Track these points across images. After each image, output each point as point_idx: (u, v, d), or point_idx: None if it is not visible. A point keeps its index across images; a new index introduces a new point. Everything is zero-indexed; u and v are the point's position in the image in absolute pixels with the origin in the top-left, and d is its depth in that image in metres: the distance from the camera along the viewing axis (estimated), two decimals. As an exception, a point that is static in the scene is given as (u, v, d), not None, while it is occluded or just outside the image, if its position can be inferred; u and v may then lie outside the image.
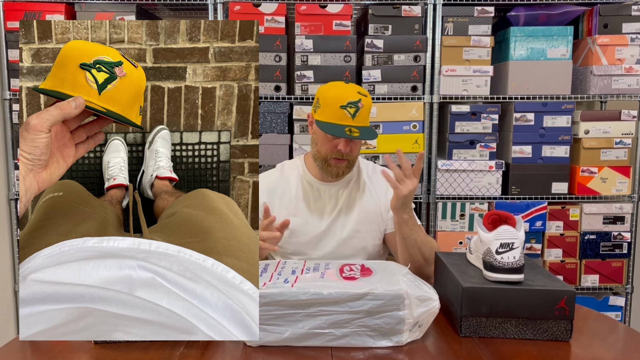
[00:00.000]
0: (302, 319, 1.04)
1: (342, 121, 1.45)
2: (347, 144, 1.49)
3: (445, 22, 2.37)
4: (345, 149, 1.49)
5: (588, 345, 1.10)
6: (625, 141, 2.38)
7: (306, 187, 1.62)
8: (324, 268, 1.17)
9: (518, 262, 1.10)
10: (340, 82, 1.54)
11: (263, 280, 1.09)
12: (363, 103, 1.46)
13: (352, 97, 1.45)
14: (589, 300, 2.47)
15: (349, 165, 1.54)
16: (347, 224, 1.59)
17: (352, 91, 1.47)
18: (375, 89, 2.40)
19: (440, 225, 2.42)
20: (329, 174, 1.55)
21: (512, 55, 2.38)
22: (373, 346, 1.05)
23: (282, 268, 1.18)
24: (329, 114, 1.46)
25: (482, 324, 1.12)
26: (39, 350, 1.09)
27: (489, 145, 2.40)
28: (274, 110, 2.40)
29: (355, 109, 1.45)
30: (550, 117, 2.38)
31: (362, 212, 1.60)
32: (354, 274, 1.12)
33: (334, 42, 2.37)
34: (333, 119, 1.46)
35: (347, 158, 1.52)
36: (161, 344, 1.08)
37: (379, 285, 1.05)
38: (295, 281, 1.08)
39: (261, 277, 1.11)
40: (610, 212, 2.42)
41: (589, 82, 2.40)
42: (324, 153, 1.52)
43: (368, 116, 1.51)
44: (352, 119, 1.45)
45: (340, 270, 1.15)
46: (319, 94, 1.52)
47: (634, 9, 2.37)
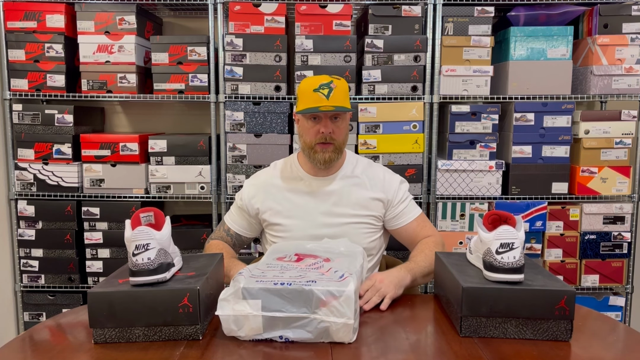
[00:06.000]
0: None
1: (317, 103, 1.51)
2: (328, 125, 1.53)
3: (445, 22, 2.37)
4: (326, 130, 1.53)
5: (588, 345, 1.10)
6: (625, 141, 2.38)
7: (299, 183, 1.64)
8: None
9: (518, 262, 1.10)
10: (315, 75, 1.59)
11: None
12: (335, 84, 1.53)
13: (324, 80, 1.53)
14: (589, 300, 2.47)
15: (335, 150, 1.57)
16: (340, 217, 1.59)
17: (324, 77, 1.56)
18: (375, 89, 2.40)
19: (440, 225, 2.42)
20: (317, 161, 1.57)
21: (512, 55, 2.38)
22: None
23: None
24: (305, 101, 1.53)
25: (482, 324, 1.12)
26: (39, 350, 1.09)
27: (489, 145, 2.40)
28: (274, 110, 2.40)
29: (328, 90, 1.51)
30: (550, 117, 2.38)
31: (356, 206, 1.60)
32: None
33: (334, 42, 2.37)
34: (309, 104, 1.52)
35: (331, 142, 1.55)
36: (161, 344, 1.08)
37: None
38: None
39: None
40: (610, 212, 2.42)
41: (589, 82, 2.40)
42: (308, 141, 1.56)
43: (345, 98, 1.56)
44: (326, 99, 1.50)
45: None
46: (297, 91, 1.60)
47: (634, 9, 2.37)
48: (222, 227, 1.72)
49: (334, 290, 1.06)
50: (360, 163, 1.68)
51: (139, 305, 1.08)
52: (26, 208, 2.46)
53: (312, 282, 1.08)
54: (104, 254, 2.49)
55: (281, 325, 1.08)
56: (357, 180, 1.63)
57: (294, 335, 1.08)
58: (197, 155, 2.44)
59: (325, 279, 1.10)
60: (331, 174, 1.63)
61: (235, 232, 1.69)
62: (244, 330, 1.09)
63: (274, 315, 1.06)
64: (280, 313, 1.06)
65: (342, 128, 1.57)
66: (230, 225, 1.69)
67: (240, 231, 1.69)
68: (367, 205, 1.61)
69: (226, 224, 1.71)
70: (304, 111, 1.52)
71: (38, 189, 2.46)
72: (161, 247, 1.12)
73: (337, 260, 1.25)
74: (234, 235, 1.69)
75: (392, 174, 1.68)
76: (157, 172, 2.44)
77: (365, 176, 1.64)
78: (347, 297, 1.05)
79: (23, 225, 2.49)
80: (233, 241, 1.69)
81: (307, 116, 1.55)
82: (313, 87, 1.52)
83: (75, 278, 2.50)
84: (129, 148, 2.42)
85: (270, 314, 1.07)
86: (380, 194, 1.62)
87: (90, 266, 2.49)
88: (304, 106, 1.53)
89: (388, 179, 1.65)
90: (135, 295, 1.09)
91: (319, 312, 1.06)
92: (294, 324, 1.07)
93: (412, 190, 2.31)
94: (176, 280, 1.15)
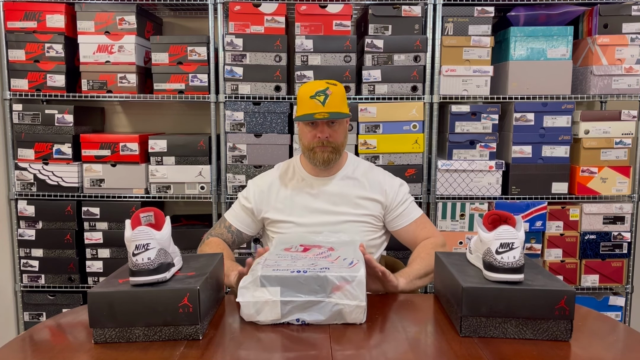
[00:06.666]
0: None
1: (313, 110, 1.56)
2: (325, 130, 1.58)
3: (445, 22, 2.37)
4: (322, 135, 1.58)
5: (588, 345, 1.10)
6: (625, 141, 2.38)
7: (300, 183, 1.68)
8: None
9: (518, 262, 1.10)
10: (314, 80, 1.63)
11: None
12: (331, 90, 1.57)
13: (320, 87, 1.58)
14: (589, 300, 2.47)
15: (334, 151, 1.61)
16: (340, 216, 1.63)
17: (320, 83, 1.60)
18: (375, 89, 2.40)
19: (440, 225, 2.42)
20: (316, 160, 1.61)
21: (512, 55, 2.38)
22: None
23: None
24: (303, 107, 1.59)
25: (482, 324, 1.12)
26: (39, 350, 1.09)
27: (489, 145, 2.40)
28: (274, 110, 2.40)
29: (324, 97, 1.56)
30: (550, 117, 2.38)
31: (356, 206, 1.64)
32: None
33: (334, 42, 2.37)
34: (306, 110, 1.57)
35: (329, 145, 1.59)
36: (161, 344, 1.08)
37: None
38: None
39: None
40: (610, 212, 2.42)
41: (589, 82, 2.40)
42: (307, 144, 1.62)
43: (342, 103, 1.59)
44: (322, 106, 1.55)
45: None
46: (297, 95, 1.64)
47: (634, 9, 2.37)
48: (222, 223, 1.74)
49: (347, 276, 1.15)
50: (361, 166, 1.72)
51: (139, 305, 1.08)
52: (26, 208, 2.46)
53: (326, 269, 1.18)
54: (104, 254, 2.49)
55: (298, 309, 1.16)
56: (357, 182, 1.67)
57: (310, 318, 1.16)
58: (197, 155, 2.44)
59: (336, 266, 1.20)
60: (332, 174, 1.67)
61: (237, 229, 1.71)
62: (263, 315, 1.16)
63: (292, 299, 1.15)
64: (298, 298, 1.15)
65: (340, 132, 1.61)
66: (232, 222, 1.72)
67: (242, 228, 1.72)
68: (366, 205, 1.65)
69: (227, 220, 1.73)
70: (300, 118, 1.58)
71: (38, 189, 2.46)
72: (161, 247, 1.12)
73: (341, 249, 1.34)
74: (235, 232, 1.72)
75: (392, 178, 1.72)
76: (157, 172, 2.44)
77: (365, 179, 1.68)
78: (359, 282, 1.15)
79: (23, 225, 2.49)
80: (233, 238, 1.72)
81: (304, 122, 1.60)
82: (309, 94, 1.57)
83: (75, 278, 2.50)
84: (129, 148, 2.42)
85: (289, 299, 1.15)
86: (379, 197, 1.65)
87: (90, 266, 2.49)
88: (301, 112, 1.58)
89: (388, 183, 1.68)
90: (135, 295, 1.09)
91: (333, 296, 1.15)
92: (310, 307, 1.16)
93: (412, 191, 2.31)
94: (176, 280, 1.15)
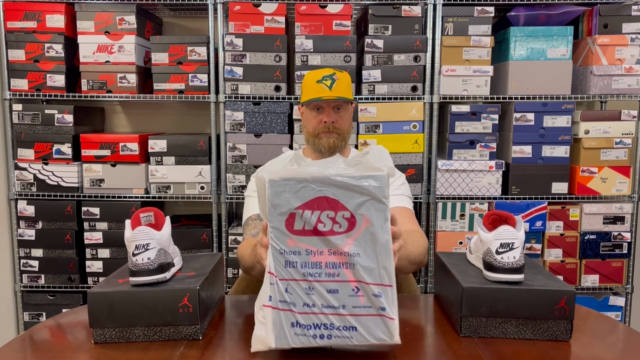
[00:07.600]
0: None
1: (320, 94, 1.55)
2: (331, 115, 1.57)
3: (445, 22, 2.37)
4: (329, 120, 1.57)
5: (588, 345, 1.10)
6: (625, 141, 2.38)
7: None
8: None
9: (518, 262, 1.10)
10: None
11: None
12: (338, 76, 1.57)
13: (327, 72, 1.58)
14: (589, 300, 2.47)
15: (339, 137, 1.60)
16: None
17: (327, 69, 1.60)
18: (375, 89, 2.40)
19: (440, 225, 2.42)
20: (321, 147, 1.59)
21: (512, 55, 2.38)
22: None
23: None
24: (308, 92, 1.58)
25: (482, 324, 1.12)
26: (39, 350, 1.09)
27: (489, 145, 2.40)
28: (274, 110, 2.40)
29: (330, 81, 1.56)
30: (550, 117, 2.38)
31: None
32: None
33: (334, 42, 2.37)
34: (312, 95, 1.56)
35: (334, 130, 1.59)
36: (161, 344, 1.08)
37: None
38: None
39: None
40: (610, 212, 2.42)
41: (589, 82, 2.40)
42: (312, 130, 1.60)
43: (348, 89, 1.59)
44: (329, 90, 1.55)
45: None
46: (302, 84, 1.65)
47: (634, 9, 2.37)
48: (249, 223, 1.58)
49: (379, 339, 0.99)
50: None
51: (139, 305, 1.08)
52: (26, 208, 2.46)
53: (352, 328, 0.99)
54: (104, 254, 2.49)
55: None
56: None
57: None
58: (197, 155, 2.44)
59: (363, 315, 0.99)
60: (333, 154, 1.62)
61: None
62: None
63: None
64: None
65: (345, 118, 1.61)
66: (256, 213, 1.57)
67: None
68: None
69: (251, 215, 1.58)
70: (306, 101, 1.57)
71: (38, 189, 2.46)
72: (161, 247, 1.12)
73: (360, 248, 0.99)
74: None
75: (395, 170, 1.67)
76: (157, 172, 2.44)
77: None
78: (395, 342, 0.99)
79: (23, 225, 2.49)
80: None
81: (310, 107, 1.59)
82: (316, 79, 1.57)
83: (75, 278, 2.50)
84: (129, 148, 2.42)
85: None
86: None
87: (90, 266, 2.49)
88: (307, 97, 1.57)
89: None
90: (135, 295, 1.09)
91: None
92: None
93: (412, 191, 2.31)
94: (176, 280, 1.15)
